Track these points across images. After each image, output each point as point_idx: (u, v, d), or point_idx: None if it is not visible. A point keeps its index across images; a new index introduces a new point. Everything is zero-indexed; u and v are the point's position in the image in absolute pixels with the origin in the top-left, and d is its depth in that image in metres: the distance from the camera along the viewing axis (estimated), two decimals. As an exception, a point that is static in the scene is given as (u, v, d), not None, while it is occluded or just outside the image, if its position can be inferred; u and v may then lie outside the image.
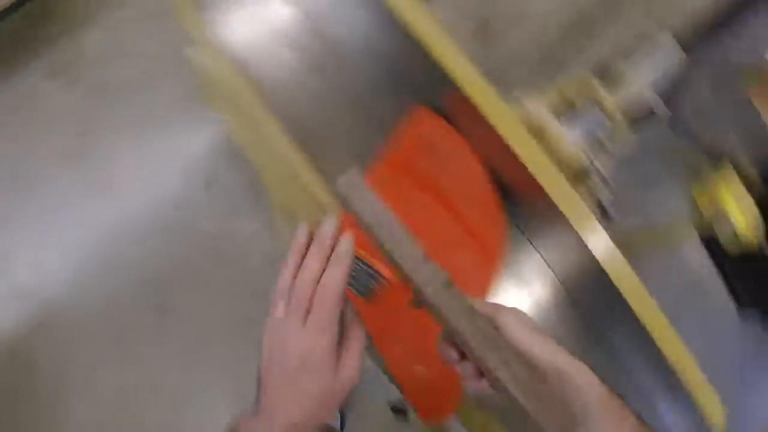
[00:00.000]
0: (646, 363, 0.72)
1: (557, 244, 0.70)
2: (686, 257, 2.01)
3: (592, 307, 0.74)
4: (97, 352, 1.47)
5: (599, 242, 0.60)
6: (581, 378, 0.40)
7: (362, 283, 0.67)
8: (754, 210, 0.80)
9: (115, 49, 1.71)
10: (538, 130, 0.70)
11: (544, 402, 0.39)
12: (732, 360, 2.02)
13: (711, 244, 2.00)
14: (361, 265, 0.67)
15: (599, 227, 0.60)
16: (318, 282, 0.41)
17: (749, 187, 0.80)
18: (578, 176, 0.72)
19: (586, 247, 0.59)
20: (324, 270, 0.42)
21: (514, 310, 0.44)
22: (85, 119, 1.65)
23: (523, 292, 0.75)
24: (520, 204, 0.72)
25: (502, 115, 0.60)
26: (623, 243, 0.93)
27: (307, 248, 0.43)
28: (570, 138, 0.72)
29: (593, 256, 0.59)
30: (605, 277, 0.60)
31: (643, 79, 0.73)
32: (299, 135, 0.74)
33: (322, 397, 0.40)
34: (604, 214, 0.75)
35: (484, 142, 0.68)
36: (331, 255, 0.42)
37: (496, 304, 0.45)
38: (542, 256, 0.75)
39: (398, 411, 1.48)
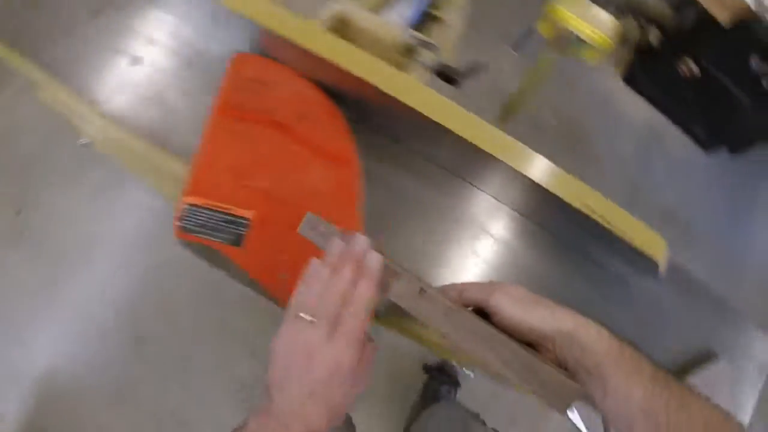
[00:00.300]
0: (605, 245, 0.72)
1: (489, 174, 0.70)
2: (628, 116, 2.00)
3: (547, 218, 0.74)
4: (102, 406, 1.52)
5: (485, 131, 0.61)
6: (587, 335, 0.40)
7: (230, 232, 0.68)
8: (600, 15, 0.79)
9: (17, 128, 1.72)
10: (355, 30, 0.71)
11: (540, 375, 0.39)
12: (710, 198, 2.03)
13: (637, 83, 2.00)
14: (224, 215, 0.68)
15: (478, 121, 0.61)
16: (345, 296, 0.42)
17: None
18: (407, 54, 0.72)
19: (480, 149, 0.60)
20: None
21: (503, 288, 0.45)
22: (16, 198, 1.67)
23: (488, 241, 0.77)
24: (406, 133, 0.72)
25: (305, 31, 0.61)
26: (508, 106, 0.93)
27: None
28: (390, 22, 0.72)
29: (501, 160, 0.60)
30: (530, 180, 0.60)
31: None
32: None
33: (342, 406, 0.41)
34: (448, 81, 0.75)
35: (306, 63, 0.69)
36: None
37: (485, 287, 0.46)
38: (487, 193, 0.77)
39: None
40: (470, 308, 0.47)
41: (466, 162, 0.70)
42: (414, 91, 0.60)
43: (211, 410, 1.52)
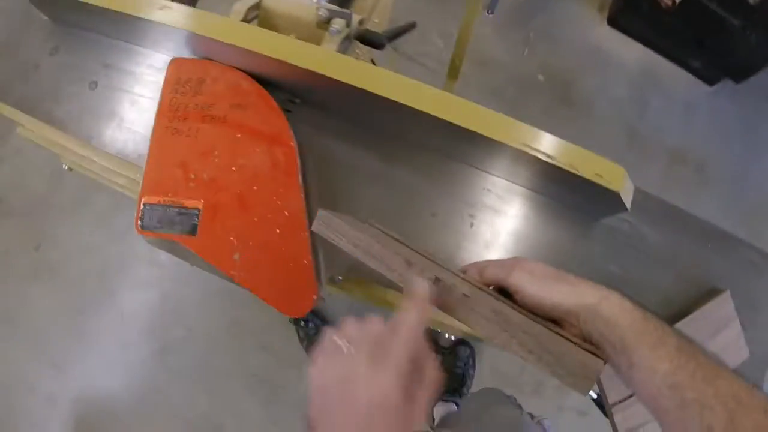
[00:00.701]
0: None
1: (489, 154, 0.71)
2: (619, 59, 1.95)
3: (556, 188, 0.73)
4: (138, 420, 1.60)
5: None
6: (610, 308, 0.39)
7: (184, 223, 0.71)
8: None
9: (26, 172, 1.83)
10: (275, 16, 0.73)
11: (560, 355, 0.38)
12: (720, 133, 1.95)
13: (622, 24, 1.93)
14: (177, 209, 0.71)
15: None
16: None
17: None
18: (326, 27, 0.73)
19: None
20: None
21: (522, 265, 0.44)
22: (34, 235, 1.78)
23: (501, 220, 0.76)
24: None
25: (221, 26, 0.64)
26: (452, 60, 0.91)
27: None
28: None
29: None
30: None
31: None
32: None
33: None
34: (372, 45, 0.76)
35: (233, 56, 0.71)
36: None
37: (505, 265, 0.45)
38: (495, 175, 0.77)
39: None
40: (491, 287, 0.47)
41: (399, 123, 0.71)
42: (321, 59, 0.62)
43: (239, 408, 1.57)
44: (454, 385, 1.48)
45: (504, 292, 0.46)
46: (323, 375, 0.37)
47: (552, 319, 0.43)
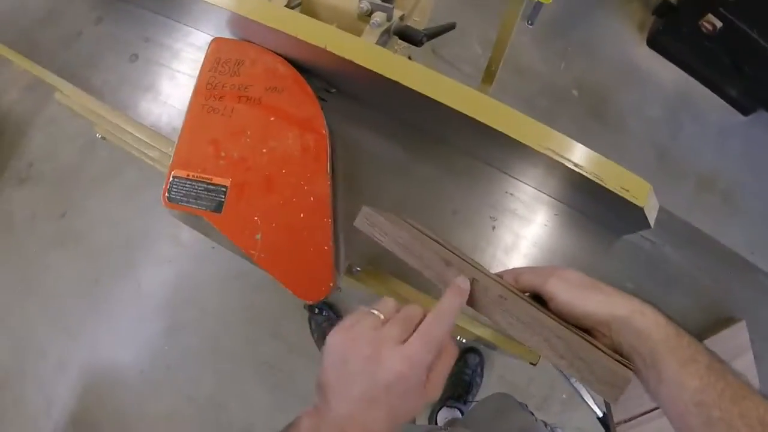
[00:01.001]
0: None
1: (515, 157, 0.71)
2: (655, 80, 1.92)
3: (580, 198, 0.73)
4: (143, 393, 1.63)
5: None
6: (643, 321, 0.39)
7: (210, 199, 0.72)
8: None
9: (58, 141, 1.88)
10: (317, 4, 0.74)
11: (592, 365, 0.38)
12: (751, 163, 1.91)
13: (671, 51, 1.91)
14: (205, 185, 0.73)
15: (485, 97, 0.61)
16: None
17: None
18: (366, 19, 0.74)
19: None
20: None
21: (559, 273, 0.44)
22: (60, 203, 1.82)
23: (523, 225, 0.76)
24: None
25: (264, 10, 0.66)
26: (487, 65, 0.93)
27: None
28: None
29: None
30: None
31: None
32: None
33: (407, 415, 0.37)
34: (410, 41, 0.76)
35: (274, 40, 0.73)
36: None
37: (541, 272, 0.45)
38: (521, 180, 0.77)
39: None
40: (527, 294, 0.47)
41: (429, 119, 0.71)
42: (361, 50, 0.62)
43: (244, 391, 1.59)
44: (460, 391, 1.47)
45: (538, 299, 0.46)
46: (349, 340, 0.37)
47: (584, 329, 0.43)
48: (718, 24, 1.68)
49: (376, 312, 0.39)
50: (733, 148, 1.94)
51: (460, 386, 1.47)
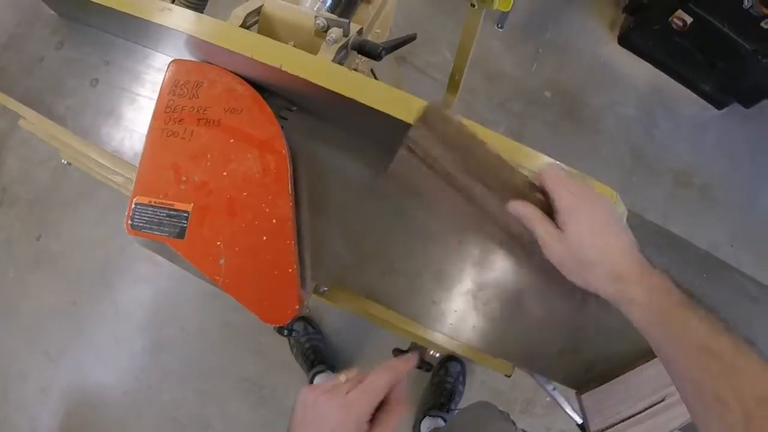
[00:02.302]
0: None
1: None
2: (628, 78, 1.94)
3: None
4: (127, 415, 1.60)
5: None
6: (628, 311, 0.46)
7: (173, 225, 0.71)
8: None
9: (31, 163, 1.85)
10: (275, 22, 0.74)
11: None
12: (728, 157, 1.92)
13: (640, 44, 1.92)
14: (167, 210, 0.72)
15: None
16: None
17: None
18: (318, 34, 0.74)
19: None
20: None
21: (584, 208, 0.51)
22: (36, 226, 1.79)
23: None
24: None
25: (217, 31, 0.65)
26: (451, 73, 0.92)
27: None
28: (303, 8, 0.74)
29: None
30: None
31: None
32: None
33: None
34: (369, 55, 0.76)
35: (231, 61, 0.72)
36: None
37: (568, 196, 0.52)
38: None
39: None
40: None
41: (390, 133, 0.71)
42: (315, 68, 0.62)
43: (227, 409, 1.58)
44: (442, 400, 1.46)
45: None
46: (309, 397, 0.44)
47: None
48: (689, 20, 1.69)
49: (342, 377, 0.46)
50: (709, 142, 1.95)
51: (443, 395, 1.47)
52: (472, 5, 0.73)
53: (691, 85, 2.01)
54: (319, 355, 1.51)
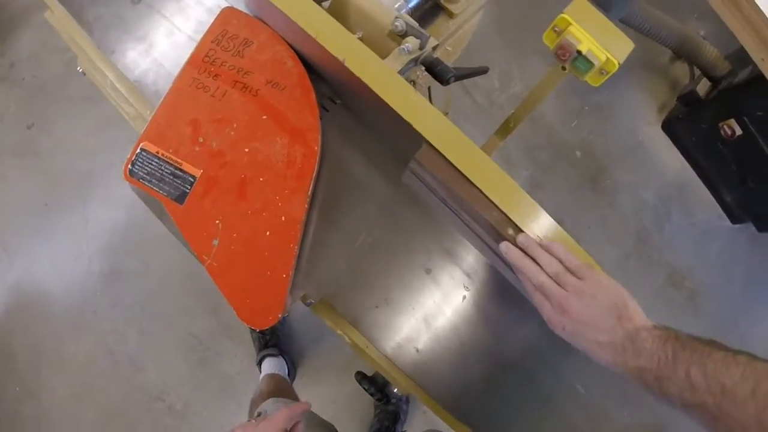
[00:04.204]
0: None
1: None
2: (657, 164, 1.91)
3: None
4: (63, 330, 1.54)
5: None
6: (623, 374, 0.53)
7: (175, 186, 0.66)
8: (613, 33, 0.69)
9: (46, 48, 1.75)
10: (351, 6, 0.68)
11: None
12: (725, 273, 1.91)
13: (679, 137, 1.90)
14: (173, 168, 0.66)
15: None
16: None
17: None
18: (396, 39, 0.68)
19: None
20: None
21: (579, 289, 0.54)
22: (30, 114, 1.70)
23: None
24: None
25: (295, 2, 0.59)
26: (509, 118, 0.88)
27: None
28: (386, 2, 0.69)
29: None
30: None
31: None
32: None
33: None
34: (437, 77, 0.70)
35: (289, 31, 0.66)
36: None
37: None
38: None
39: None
40: None
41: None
42: (380, 77, 0.56)
43: (166, 359, 1.52)
44: (387, 423, 1.43)
45: None
46: None
47: None
48: (738, 131, 1.67)
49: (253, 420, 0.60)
50: (713, 251, 1.94)
51: (387, 418, 1.43)
52: (563, 68, 0.68)
53: (715, 191, 1.99)
54: (274, 336, 1.46)
